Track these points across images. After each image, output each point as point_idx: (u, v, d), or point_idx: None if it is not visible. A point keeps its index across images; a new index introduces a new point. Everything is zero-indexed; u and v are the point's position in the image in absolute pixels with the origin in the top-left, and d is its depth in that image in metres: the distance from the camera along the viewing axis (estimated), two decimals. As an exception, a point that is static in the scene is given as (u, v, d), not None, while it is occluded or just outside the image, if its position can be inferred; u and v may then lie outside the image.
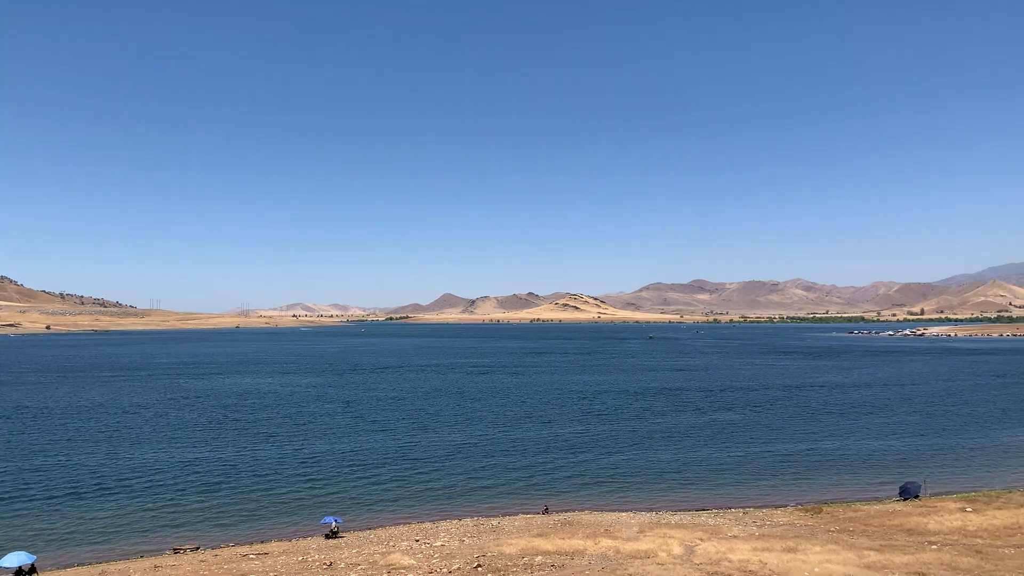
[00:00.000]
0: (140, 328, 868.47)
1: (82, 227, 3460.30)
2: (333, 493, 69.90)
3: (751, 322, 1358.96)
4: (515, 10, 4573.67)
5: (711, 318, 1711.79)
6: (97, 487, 70.71)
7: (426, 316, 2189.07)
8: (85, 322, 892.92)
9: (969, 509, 58.64)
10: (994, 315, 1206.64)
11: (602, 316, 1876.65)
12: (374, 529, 57.96)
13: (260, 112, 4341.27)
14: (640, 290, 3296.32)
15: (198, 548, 52.91)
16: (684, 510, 63.54)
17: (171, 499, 66.94)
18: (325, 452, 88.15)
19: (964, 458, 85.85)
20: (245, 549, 51.58)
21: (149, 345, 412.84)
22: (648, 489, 72.42)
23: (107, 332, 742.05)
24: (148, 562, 48.49)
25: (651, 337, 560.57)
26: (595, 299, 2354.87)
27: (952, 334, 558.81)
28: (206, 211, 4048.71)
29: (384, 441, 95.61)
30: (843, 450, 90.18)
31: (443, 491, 71.10)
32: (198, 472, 77.43)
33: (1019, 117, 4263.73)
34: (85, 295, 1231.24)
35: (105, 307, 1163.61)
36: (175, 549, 52.63)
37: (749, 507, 64.38)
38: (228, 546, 53.66)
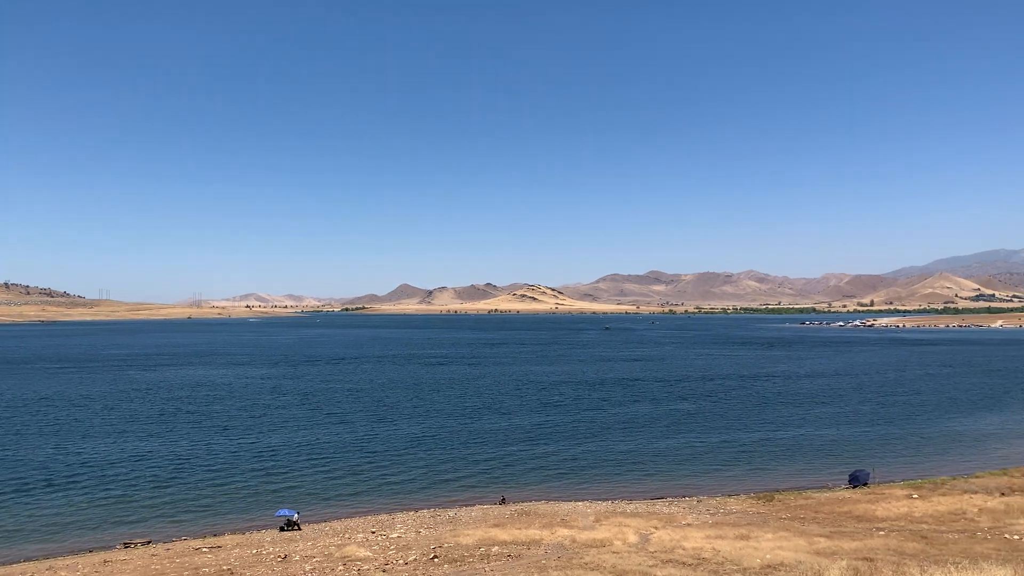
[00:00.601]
0: (89, 319, 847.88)
1: (28, 214, 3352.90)
2: (289, 486, 69.22)
3: (706, 313, 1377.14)
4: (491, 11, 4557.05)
5: (667, 309, 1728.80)
6: (45, 482, 69.03)
7: (383, 307, 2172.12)
8: (31, 312, 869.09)
9: (915, 496, 60.33)
10: (941, 306, 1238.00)
11: (560, 307, 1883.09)
12: (330, 522, 57.54)
13: (213, 100, 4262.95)
14: (597, 281, 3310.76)
15: (149, 542, 52.00)
16: (640, 499, 64.29)
17: (122, 493, 65.67)
18: (280, 445, 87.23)
19: (913, 446, 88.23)
20: (198, 543, 50.83)
21: (98, 336, 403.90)
22: (605, 479, 73.09)
23: (54, 323, 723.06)
24: (98, 557, 47.55)
25: (608, 328, 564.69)
26: (553, 290, 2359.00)
27: (901, 325, 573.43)
28: (158, 198, 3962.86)
29: (341, 433, 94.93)
30: (796, 439, 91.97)
31: (400, 484, 70.88)
32: (150, 466, 76.04)
33: (969, 114, 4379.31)
34: (31, 285, 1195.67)
35: (52, 297, 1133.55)
36: (125, 543, 51.65)
37: (703, 495, 65.36)
38: (181, 540, 52.84)
